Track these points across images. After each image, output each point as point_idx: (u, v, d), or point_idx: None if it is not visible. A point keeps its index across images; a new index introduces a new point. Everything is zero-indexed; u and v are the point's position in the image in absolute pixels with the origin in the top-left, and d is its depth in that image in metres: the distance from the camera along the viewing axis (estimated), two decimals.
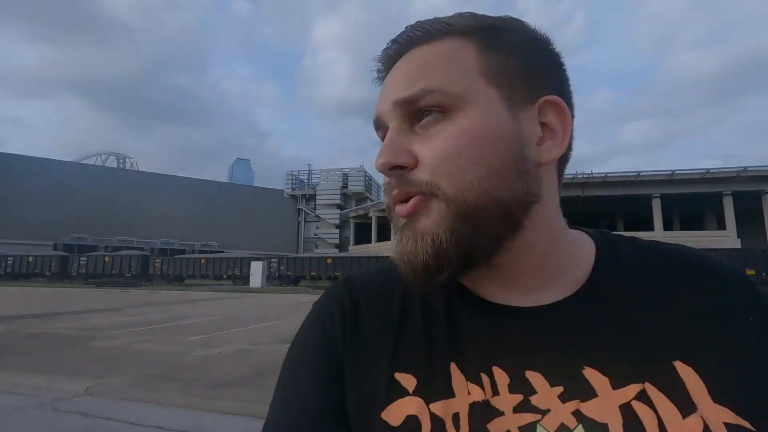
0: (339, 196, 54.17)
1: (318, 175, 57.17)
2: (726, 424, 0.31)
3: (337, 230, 53.90)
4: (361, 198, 55.36)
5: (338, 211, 53.95)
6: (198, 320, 10.17)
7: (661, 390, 0.32)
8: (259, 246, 42.78)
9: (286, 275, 28.24)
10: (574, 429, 0.32)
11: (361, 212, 49.77)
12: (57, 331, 8.20)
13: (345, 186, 55.18)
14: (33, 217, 40.66)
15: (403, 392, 0.37)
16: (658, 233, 31.01)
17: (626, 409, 0.32)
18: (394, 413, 0.36)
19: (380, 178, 0.42)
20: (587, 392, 0.33)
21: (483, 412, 0.34)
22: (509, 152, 0.36)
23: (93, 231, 41.91)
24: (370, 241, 46.58)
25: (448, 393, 0.36)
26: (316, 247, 53.37)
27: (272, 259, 28.94)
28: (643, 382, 0.33)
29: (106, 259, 29.90)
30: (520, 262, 0.38)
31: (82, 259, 30.40)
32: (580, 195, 33.23)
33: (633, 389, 0.33)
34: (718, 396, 0.32)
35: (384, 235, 44.88)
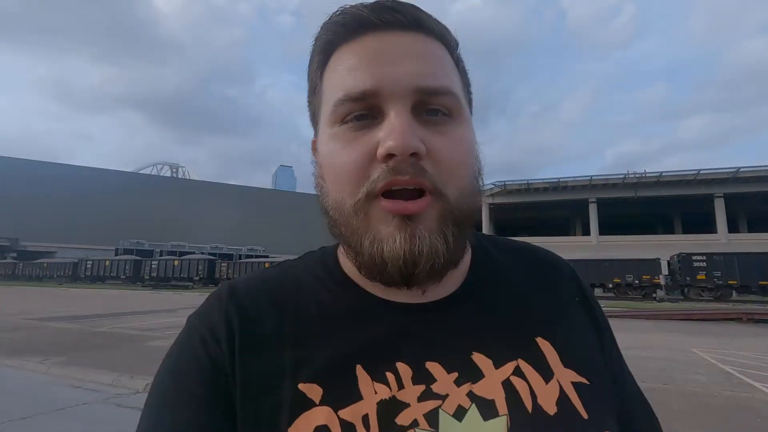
0: None
1: None
2: (573, 383, 0.40)
3: None
4: None
5: None
6: None
7: (529, 363, 0.39)
8: (301, 250, 43.75)
9: None
10: (469, 408, 0.36)
11: None
12: (118, 330, 8.72)
13: None
14: (96, 223, 43.76)
15: (310, 404, 0.36)
16: (721, 235, 28.80)
17: (507, 384, 0.38)
18: (302, 427, 0.35)
19: None
20: (477, 374, 0.38)
21: (390, 408, 0.36)
22: (478, 166, 0.42)
23: (150, 236, 44.58)
24: None
25: (356, 396, 0.36)
26: None
27: None
28: (517, 359, 0.40)
29: (176, 263, 31.75)
30: None
31: (153, 263, 32.56)
32: (632, 196, 31.51)
33: (510, 366, 0.39)
34: (566, 362, 0.41)
35: None
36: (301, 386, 0.36)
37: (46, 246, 41.73)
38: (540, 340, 0.41)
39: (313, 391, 0.36)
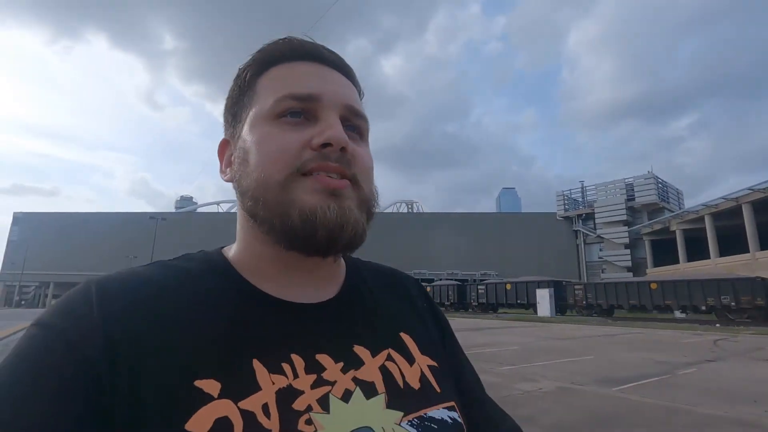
0: (624, 211, 46.66)
1: (594, 191, 51.31)
2: (428, 366, 0.50)
3: (628, 250, 46.14)
4: (654, 210, 45.99)
5: (626, 228, 46.38)
6: (497, 349, 10.22)
7: (397, 352, 0.49)
8: (534, 272, 41.28)
9: (595, 304, 25.22)
10: (354, 390, 0.42)
11: (657, 226, 41.13)
12: None
13: (631, 198, 47.21)
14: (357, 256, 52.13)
15: (208, 398, 0.36)
16: None
17: (383, 369, 0.46)
18: (201, 421, 0.35)
19: (681, 184, 0.32)
20: (358, 362, 0.45)
21: (287, 395, 0.39)
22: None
23: (395, 266, 50.69)
24: (675, 261, 37.45)
25: (255, 388, 0.38)
26: (603, 272, 47.11)
27: (576, 285, 26.90)
28: (388, 348, 0.48)
29: (428, 289, 34.96)
30: (328, 266, 0.50)
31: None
32: None
33: (383, 355, 0.47)
34: (422, 350, 0.51)
35: (697, 253, 35.15)
36: (197, 383, 0.37)
37: None
38: (403, 334, 0.52)
39: (210, 386, 0.37)
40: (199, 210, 74.03)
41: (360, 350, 0.46)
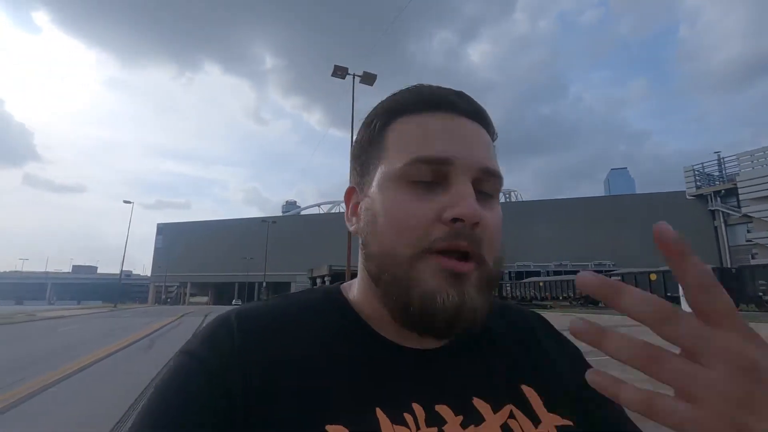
0: None
1: (736, 163, 43.19)
2: (557, 427, 0.42)
3: None
4: None
5: None
6: None
7: (519, 409, 0.43)
8: (655, 261, 35.87)
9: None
10: None
11: None
12: None
13: None
14: None
15: None
16: None
17: (505, 427, 0.41)
18: None
19: None
20: (478, 418, 0.41)
21: None
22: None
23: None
24: None
25: None
26: (754, 257, 39.39)
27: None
28: (510, 404, 0.43)
29: (541, 284, 32.14)
30: None
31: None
32: None
33: (506, 411, 0.42)
34: (549, 406, 0.44)
35: None
36: (329, 428, 0.37)
37: None
38: (525, 387, 0.45)
39: None
40: (303, 212, 79.35)
41: (479, 404, 0.43)
